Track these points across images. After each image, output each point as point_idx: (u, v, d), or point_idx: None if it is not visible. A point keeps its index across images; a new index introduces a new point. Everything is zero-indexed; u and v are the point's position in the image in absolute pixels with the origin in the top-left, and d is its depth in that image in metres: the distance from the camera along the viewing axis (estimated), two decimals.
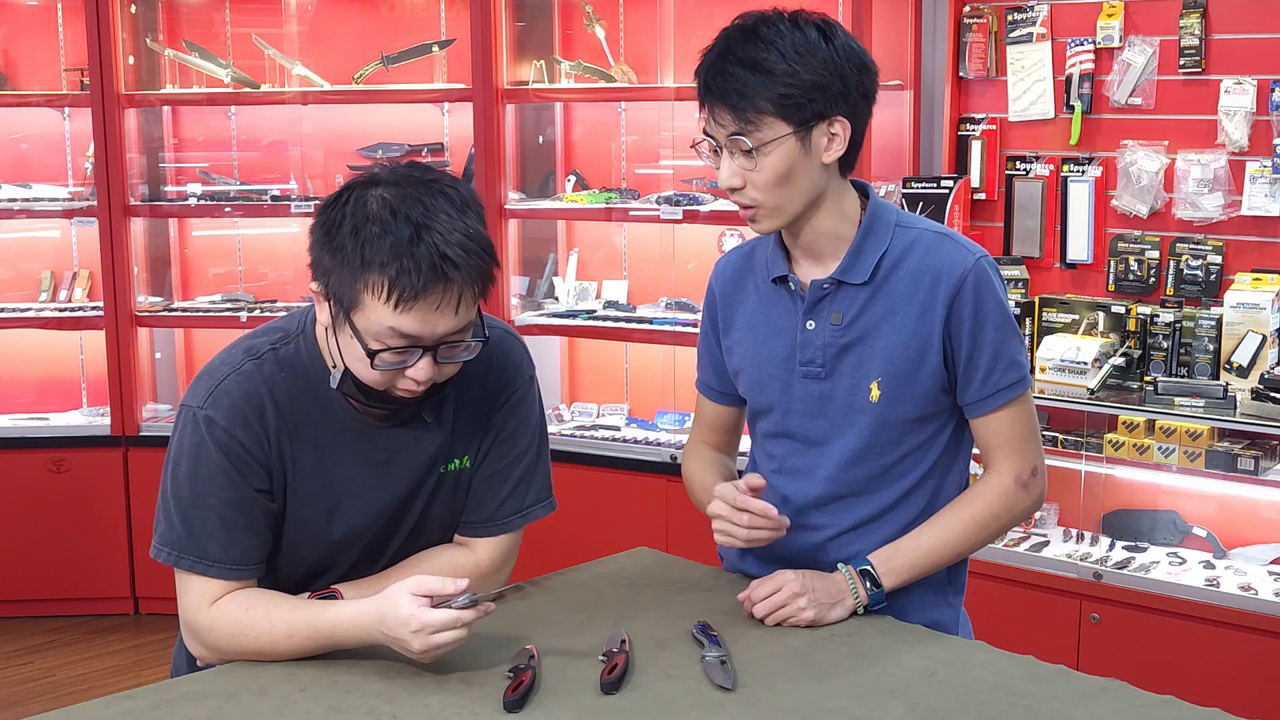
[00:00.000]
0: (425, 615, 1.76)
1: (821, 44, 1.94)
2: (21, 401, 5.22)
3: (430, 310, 1.78)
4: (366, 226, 1.78)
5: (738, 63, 1.92)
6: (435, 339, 1.82)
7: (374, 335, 1.80)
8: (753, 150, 1.94)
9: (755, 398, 2.16)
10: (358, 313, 1.80)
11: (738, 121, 1.93)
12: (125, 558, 4.96)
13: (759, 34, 1.94)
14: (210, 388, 1.90)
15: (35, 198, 5.04)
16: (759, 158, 1.94)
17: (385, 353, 1.81)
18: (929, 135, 4.35)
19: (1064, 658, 2.44)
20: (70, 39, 5.11)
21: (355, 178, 1.86)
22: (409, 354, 1.82)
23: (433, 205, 1.79)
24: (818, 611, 2.00)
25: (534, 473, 2.09)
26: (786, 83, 1.91)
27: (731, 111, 1.93)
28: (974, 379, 2.04)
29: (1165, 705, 1.75)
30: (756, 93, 1.91)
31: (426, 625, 1.76)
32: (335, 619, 1.85)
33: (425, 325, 1.79)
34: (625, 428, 4.81)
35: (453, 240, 1.77)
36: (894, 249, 2.04)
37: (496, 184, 4.71)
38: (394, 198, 1.79)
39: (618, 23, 4.88)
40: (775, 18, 1.96)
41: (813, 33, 1.94)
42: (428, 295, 1.77)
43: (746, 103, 1.92)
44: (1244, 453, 3.60)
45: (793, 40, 1.93)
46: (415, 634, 1.76)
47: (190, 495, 1.89)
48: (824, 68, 1.93)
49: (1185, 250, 3.90)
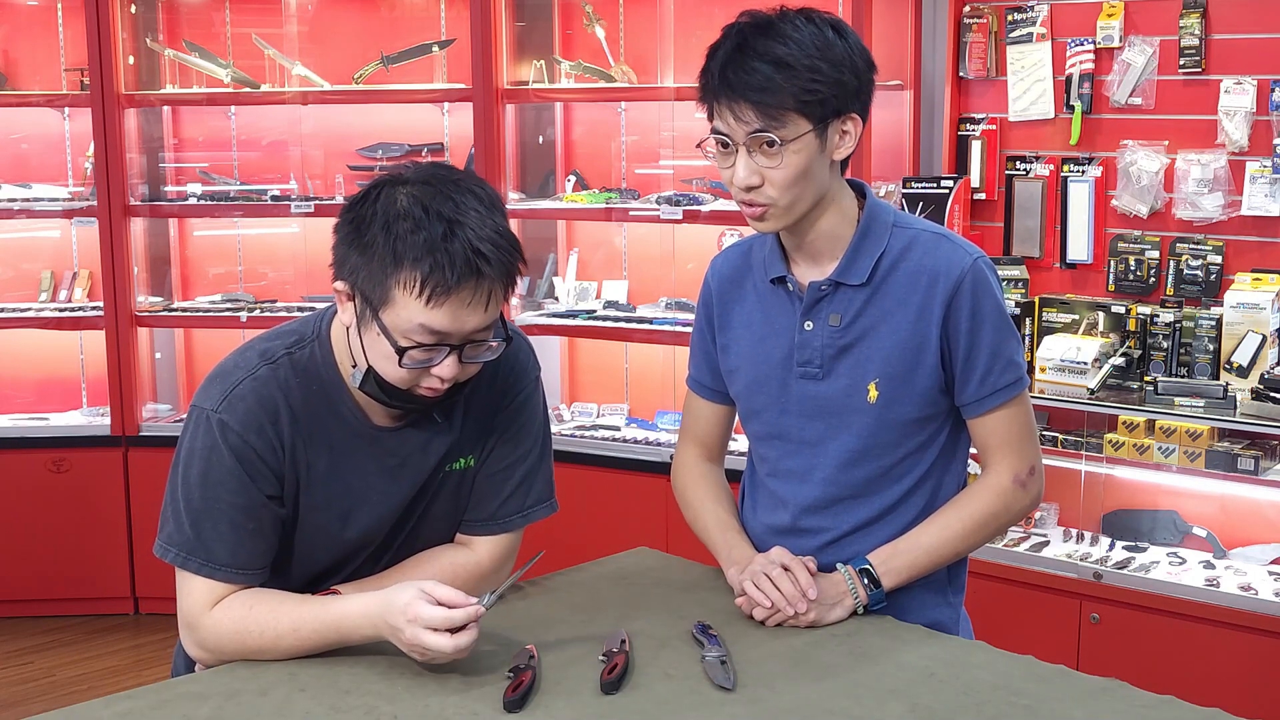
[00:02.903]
0: (422, 608, 1.76)
1: (837, 40, 1.93)
2: (21, 401, 5.22)
3: (462, 306, 1.79)
4: (398, 223, 1.78)
5: (758, 58, 1.90)
6: (463, 336, 1.83)
7: (403, 332, 1.81)
8: (777, 148, 1.92)
9: (750, 398, 2.15)
10: (387, 309, 1.80)
11: (762, 119, 1.91)
12: (125, 558, 4.96)
13: (777, 29, 1.91)
14: (225, 391, 1.90)
15: (35, 198, 5.04)
16: (783, 154, 1.92)
17: (414, 350, 1.81)
18: (929, 135, 4.35)
19: (1064, 658, 2.43)
20: (70, 39, 5.11)
21: (381, 177, 1.86)
22: (436, 352, 1.82)
23: (463, 202, 1.80)
24: (817, 613, 1.99)
25: (536, 473, 2.09)
26: (811, 79, 1.90)
27: (755, 109, 1.90)
28: (971, 379, 2.04)
29: (1165, 705, 1.75)
30: (782, 89, 1.89)
31: (420, 618, 1.76)
32: (343, 610, 1.85)
33: (455, 321, 1.80)
34: (625, 428, 4.81)
35: (485, 236, 1.78)
36: (891, 249, 2.04)
37: (496, 184, 4.71)
38: (423, 195, 1.80)
39: (618, 23, 4.88)
40: (789, 14, 1.94)
41: (828, 30, 1.93)
42: (460, 290, 1.77)
43: (772, 98, 1.89)
44: (1244, 453, 3.60)
45: (811, 36, 1.91)
46: (410, 623, 1.76)
47: (201, 498, 1.88)
48: (843, 64, 1.93)
49: (1185, 250, 3.90)
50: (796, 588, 1.98)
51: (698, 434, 2.28)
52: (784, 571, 2.00)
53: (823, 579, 2.03)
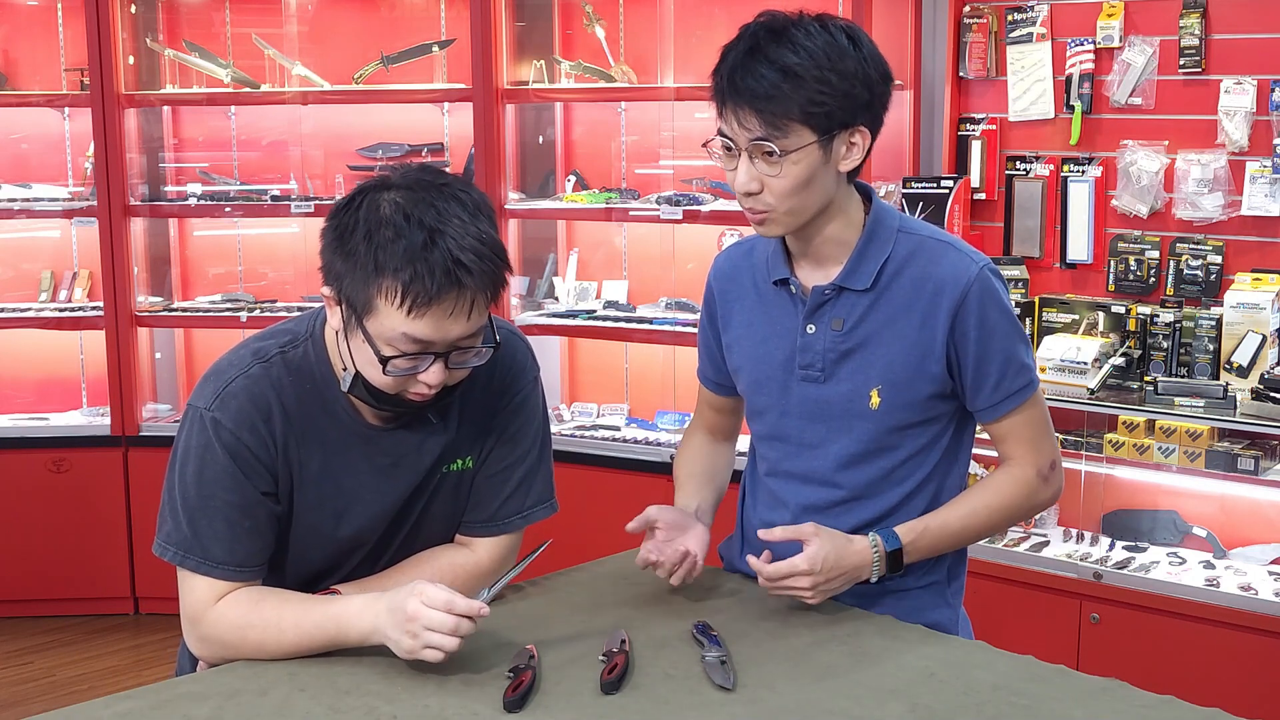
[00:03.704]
0: (427, 613, 1.76)
1: (851, 51, 1.89)
2: (21, 401, 5.22)
3: (443, 316, 1.79)
4: (380, 231, 1.77)
5: (768, 65, 1.87)
6: (447, 344, 1.82)
7: (386, 340, 1.80)
8: (777, 157, 1.90)
9: (752, 398, 2.15)
10: (370, 318, 1.80)
11: (765, 127, 1.88)
12: (125, 558, 4.96)
13: (789, 36, 1.88)
14: (218, 390, 1.90)
15: (35, 198, 5.04)
16: (783, 164, 1.90)
17: (398, 359, 1.81)
18: (929, 135, 4.35)
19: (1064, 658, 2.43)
20: (70, 39, 5.11)
21: (366, 181, 1.86)
22: (421, 359, 1.82)
23: (445, 209, 1.79)
24: (822, 600, 2.00)
25: (536, 474, 2.09)
26: (818, 91, 1.87)
27: (759, 116, 1.88)
28: (984, 387, 2.03)
29: (1165, 705, 1.75)
30: (788, 98, 1.86)
31: (427, 622, 1.76)
32: (345, 609, 1.85)
33: (438, 331, 1.80)
34: (625, 428, 4.81)
35: (466, 245, 1.77)
36: (896, 255, 2.03)
37: (496, 184, 4.71)
38: (406, 201, 1.79)
39: (618, 23, 4.88)
40: (805, 20, 1.91)
41: (842, 38, 1.89)
42: (441, 301, 1.77)
43: (776, 107, 1.87)
44: (1244, 453, 3.60)
45: (824, 45, 1.87)
46: (410, 622, 1.77)
47: (196, 496, 1.89)
48: (854, 76, 1.89)
49: (1185, 250, 3.90)
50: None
51: (707, 421, 2.33)
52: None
53: (843, 560, 1.99)
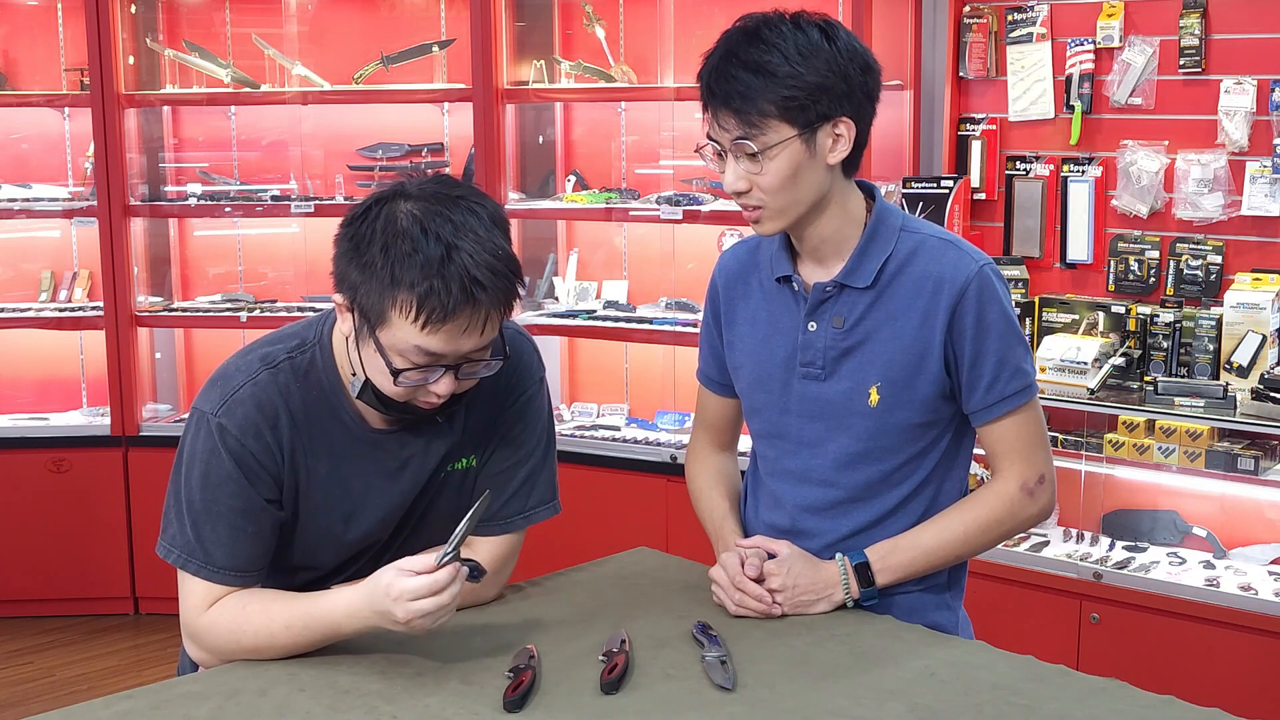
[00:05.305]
0: (403, 582, 1.77)
1: (824, 45, 1.93)
2: (21, 401, 5.22)
3: (458, 332, 1.79)
4: (397, 244, 1.77)
5: (740, 65, 1.91)
6: (459, 358, 1.83)
7: (399, 352, 1.81)
8: (758, 154, 1.93)
9: (752, 396, 2.15)
10: (383, 329, 1.81)
11: (742, 125, 1.92)
12: (125, 558, 4.96)
13: (760, 36, 1.92)
14: (225, 395, 1.91)
15: (35, 198, 5.04)
16: (764, 161, 1.93)
17: (409, 371, 1.82)
18: (929, 135, 4.35)
19: (1064, 658, 2.43)
20: (70, 39, 5.11)
21: (381, 190, 1.86)
22: (431, 371, 1.83)
23: (462, 223, 1.79)
24: (798, 603, 2.02)
25: (539, 475, 2.09)
26: (790, 85, 1.90)
27: (735, 115, 1.92)
28: (978, 387, 2.03)
29: (1165, 705, 1.75)
30: (760, 95, 1.90)
31: (404, 591, 1.76)
32: (330, 605, 1.85)
33: (451, 344, 1.80)
34: (625, 428, 4.81)
35: (481, 261, 1.77)
36: (898, 253, 2.03)
37: (496, 184, 4.71)
38: (423, 214, 1.79)
39: (618, 23, 4.88)
40: (777, 19, 1.95)
41: (815, 33, 1.93)
42: (456, 317, 1.77)
43: (750, 106, 1.91)
44: (1244, 453, 3.60)
45: (795, 41, 1.91)
46: (396, 601, 1.77)
47: (201, 501, 1.89)
48: (827, 69, 1.92)
49: (1185, 250, 3.90)
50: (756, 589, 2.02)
51: (708, 424, 2.31)
52: (741, 568, 2.04)
53: (810, 570, 2.04)
